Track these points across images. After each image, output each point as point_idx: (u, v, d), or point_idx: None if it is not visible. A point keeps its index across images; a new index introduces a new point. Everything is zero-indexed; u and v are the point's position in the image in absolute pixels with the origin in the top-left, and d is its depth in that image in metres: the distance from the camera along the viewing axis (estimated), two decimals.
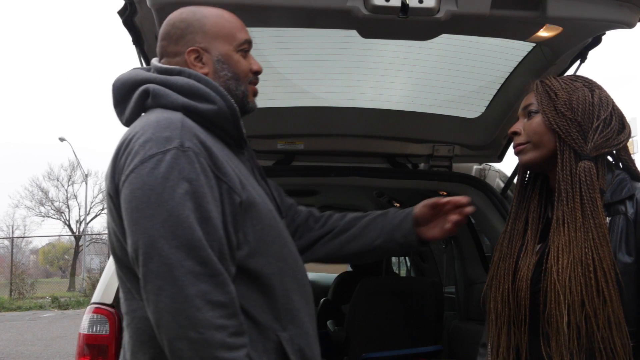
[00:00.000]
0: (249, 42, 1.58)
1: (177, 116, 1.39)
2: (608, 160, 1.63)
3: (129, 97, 1.50)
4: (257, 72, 1.59)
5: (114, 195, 1.39)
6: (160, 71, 1.51)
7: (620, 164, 1.64)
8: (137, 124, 1.43)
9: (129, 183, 1.33)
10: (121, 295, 1.47)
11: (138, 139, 1.36)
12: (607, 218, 1.53)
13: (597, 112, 1.59)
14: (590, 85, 1.65)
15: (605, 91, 1.65)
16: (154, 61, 1.57)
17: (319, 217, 1.83)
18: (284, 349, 1.42)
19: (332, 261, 1.88)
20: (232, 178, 1.41)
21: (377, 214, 1.80)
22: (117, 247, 1.43)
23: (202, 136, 1.39)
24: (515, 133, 1.68)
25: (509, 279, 1.64)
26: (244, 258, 1.41)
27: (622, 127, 1.62)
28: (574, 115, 1.58)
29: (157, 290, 1.26)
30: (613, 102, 1.64)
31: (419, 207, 1.74)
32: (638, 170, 1.63)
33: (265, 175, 1.66)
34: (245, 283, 1.40)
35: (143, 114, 1.49)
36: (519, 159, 1.69)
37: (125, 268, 1.42)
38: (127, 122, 1.52)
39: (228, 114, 1.47)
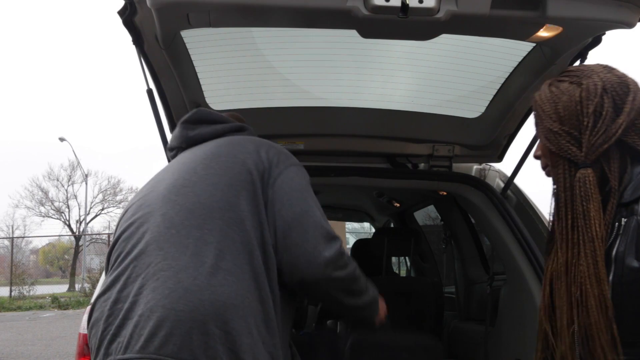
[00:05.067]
0: None
1: None
2: (630, 151, 1.47)
3: None
4: None
5: (256, 164, 1.58)
6: None
7: None
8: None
9: (297, 168, 1.64)
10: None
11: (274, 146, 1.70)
12: (623, 219, 1.41)
13: (584, 108, 1.47)
14: (579, 78, 1.52)
15: (597, 75, 1.50)
16: None
17: None
18: None
19: None
20: None
21: None
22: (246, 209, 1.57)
23: None
24: (538, 157, 1.62)
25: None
26: None
27: (621, 101, 1.46)
28: (561, 126, 1.49)
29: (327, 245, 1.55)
30: (604, 81, 1.48)
31: None
32: None
33: None
34: None
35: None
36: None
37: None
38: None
39: None
